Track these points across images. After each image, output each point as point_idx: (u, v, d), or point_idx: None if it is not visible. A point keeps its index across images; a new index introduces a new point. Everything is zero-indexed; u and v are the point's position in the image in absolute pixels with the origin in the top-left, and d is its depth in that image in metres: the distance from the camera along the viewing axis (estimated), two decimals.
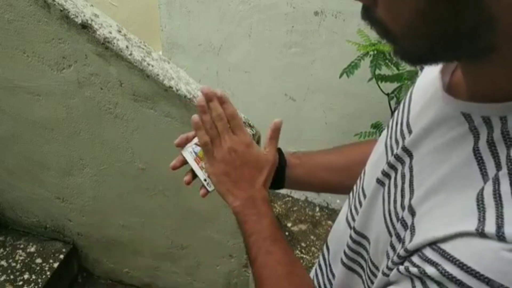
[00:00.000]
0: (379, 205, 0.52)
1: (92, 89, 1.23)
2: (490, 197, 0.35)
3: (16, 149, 1.46)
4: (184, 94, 1.15)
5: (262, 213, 0.62)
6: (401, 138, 0.51)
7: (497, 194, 0.35)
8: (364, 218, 0.56)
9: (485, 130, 0.39)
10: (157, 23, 2.18)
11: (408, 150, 0.49)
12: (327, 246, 0.68)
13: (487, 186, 0.36)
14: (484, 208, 0.35)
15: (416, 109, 0.51)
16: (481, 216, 0.35)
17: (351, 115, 2.10)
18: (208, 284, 1.64)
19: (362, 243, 0.57)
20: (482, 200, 0.36)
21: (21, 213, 1.69)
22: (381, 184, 0.53)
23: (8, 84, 1.29)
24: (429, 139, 0.46)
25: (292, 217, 2.28)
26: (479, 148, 0.39)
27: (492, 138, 0.38)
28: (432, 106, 0.47)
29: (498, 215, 0.34)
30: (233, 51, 2.13)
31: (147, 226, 1.54)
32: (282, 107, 2.19)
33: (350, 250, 0.59)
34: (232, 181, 0.64)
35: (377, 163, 0.56)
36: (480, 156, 0.38)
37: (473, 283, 0.34)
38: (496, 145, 0.38)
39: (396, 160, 0.50)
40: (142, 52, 1.16)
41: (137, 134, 1.29)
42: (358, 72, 1.60)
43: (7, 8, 1.13)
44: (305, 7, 1.89)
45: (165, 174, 1.35)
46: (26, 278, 1.57)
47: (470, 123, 0.40)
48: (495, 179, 0.36)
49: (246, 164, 0.64)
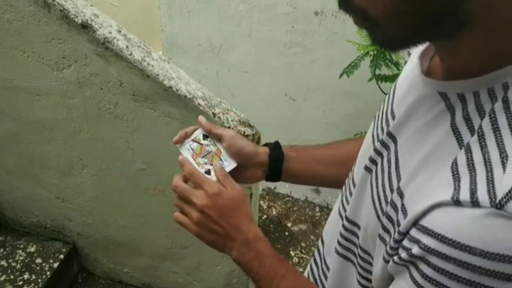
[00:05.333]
0: (368, 191, 0.53)
1: (92, 89, 1.23)
2: (464, 166, 0.36)
3: (16, 149, 1.46)
4: (184, 94, 1.15)
5: (260, 255, 0.61)
6: (386, 125, 0.53)
7: (470, 162, 0.36)
8: (355, 206, 0.57)
9: (460, 106, 0.40)
10: (157, 23, 2.18)
11: (392, 135, 0.50)
12: (322, 240, 0.70)
13: (460, 155, 0.37)
14: (459, 177, 0.36)
15: (399, 96, 0.53)
16: (457, 185, 0.36)
17: (351, 115, 2.10)
18: (208, 284, 1.64)
19: (354, 230, 0.58)
20: (456, 169, 0.37)
21: (21, 213, 1.69)
22: (369, 171, 0.54)
23: (8, 84, 1.29)
24: (410, 122, 0.47)
25: (292, 217, 2.28)
26: (456, 124, 0.40)
27: (467, 112, 0.39)
28: (412, 90, 0.49)
29: (471, 182, 0.35)
30: (233, 51, 2.13)
31: (147, 226, 1.54)
32: (282, 107, 2.20)
33: (343, 239, 0.60)
34: (221, 236, 0.62)
35: (365, 152, 0.57)
36: (458, 131, 0.40)
37: (455, 253, 0.35)
38: (471, 118, 0.39)
39: (382, 146, 0.51)
40: (142, 52, 1.16)
41: (137, 134, 1.29)
42: (358, 72, 1.60)
43: (7, 8, 1.13)
44: (305, 7, 1.89)
45: (165, 174, 1.35)
46: (26, 278, 1.57)
47: (446, 101, 0.42)
48: (467, 147, 0.37)
49: (224, 213, 0.62)
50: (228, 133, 0.71)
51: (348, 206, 0.59)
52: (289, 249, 2.11)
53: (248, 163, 0.72)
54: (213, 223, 0.62)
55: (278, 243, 2.13)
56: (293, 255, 2.08)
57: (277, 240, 2.15)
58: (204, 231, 0.63)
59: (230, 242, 0.62)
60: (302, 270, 1.99)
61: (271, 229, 2.21)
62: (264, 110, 2.22)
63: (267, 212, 2.29)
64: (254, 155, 0.72)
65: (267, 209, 2.31)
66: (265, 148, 0.75)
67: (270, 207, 2.33)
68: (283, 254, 2.07)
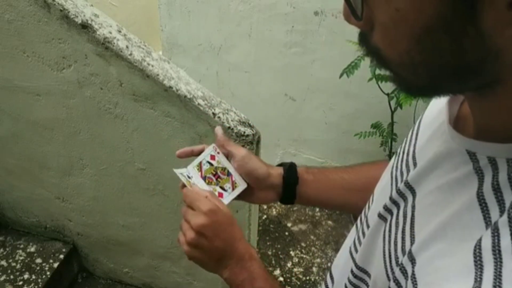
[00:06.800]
0: (380, 242, 0.49)
1: (92, 89, 1.23)
2: (489, 252, 0.31)
3: (16, 149, 1.46)
4: (184, 94, 1.15)
5: (253, 276, 0.60)
6: (406, 170, 0.49)
7: (496, 249, 0.31)
8: (366, 253, 0.53)
9: (490, 172, 0.36)
10: (157, 23, 2.18)
11: (411, 186, 0.46)
12: (331, 275, 0.65)
13: (485, 238, 0.32)
14: (482, 265, 0.31)
15: (423, 140, 0.49)
16: (478, 275, 0.31)
17: (351, 115, 2.10)
18: (208, 284, 1.64)
19: (363, 278, 0.55)
20: (480, 254, 0.32)
21: (21, 213, 1.69)
22: (383, 220, 0.50)
23: (8, 84, 1.29)
24: (432, 176, 0.43)
25: (292, 217, 2.28)
26: (483, 193, 0.35)
27: (497, 181, 0.34)
28: (437, 139, 0.44)
29: (496, 275, 0.30)
30: (233, 51, 2.13)
31: (147, 226, 1.54)
32: (282, 107, 2.20)
33: (350, 284, 0.57)
34: (217, 258, 0.61)
35: (382, 194, 0.53)
36: (484, 202, 0.35)
37: None
38: (502, 189, 0.34)
39: (399, 195, 0.48)
40: (142, 52, 1.16)
41: (137, 134, 1.29)
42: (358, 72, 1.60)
43: (7, 8, 1.13)
44: (305, 7, 1.89)
45: (165, 174, 1.35)
46: (26, 278, 1.57)
47: (474, 163, 0.37)
48: (495, 229, 0.32)
49: (218, 230, 0.60)
50: (239, 152, 0.69)
51: (359, 249, 0.55)
52: (289, 249, 2.11)
53: (260, 185, 0.70)
54: (209, 245, 0.60)
55: (278, 243, 2.13)
56: (293, 255, 2.08)
57: (277, 240, 2.15)
58: (201, 254, 0.61)
59: (225, 260, 0.61)
60: (302, 270, 1.99)
61: (271, 229, 2.21)
62: (264, 110, 2.22)
63: (267, 212, 2.29)
64: (266, 178, 0.70)
65: (267, 209, 2.31)
66: (279, 169, 0.72)
67: (270, 207, 2.33)
68: (283, 254, 2.07)
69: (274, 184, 0.71)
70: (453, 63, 0.32)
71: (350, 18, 0.37)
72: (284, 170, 0.71)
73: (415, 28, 0.32)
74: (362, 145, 2.07)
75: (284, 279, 1.96)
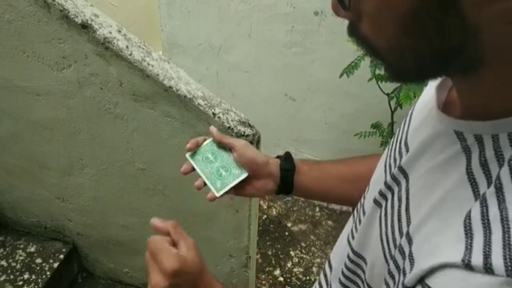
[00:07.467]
0: (376, 227, 0.50)
1: (92, 89, 1.23)
2: (478, 222, 0.33)
3: (16, 149, 1.46)
4: (184, 94, 1.15)
5: None
6: (399, 156, 0.50)
7: (485, 218, 0.33)
8: (362, 238, 0.55)
9: (477, 149, 0.37)
10: (157, 23, 2.18)
11: (404, 170, 0.48)
12: (329, 264, 0.67)
13: (474, 209, 0.34)
14: (472, 234, 0.33)
15: (414, 126, 0.51)
16: (469, 243, 0.32)
17: (351, 115, 2.10)
18: None
19: (359, 263, 0.56)
20: (470, 224, 0.34)
21: (21, 213, 1.69)
22: (378, 205, 0.52)
23: (8, 84, 1.29)
24: (423, 159, 0.45)
25: (292, 217, 2.28)
26: (471, 169, 0.37)
27: (484, 157, 0.36)
28: (427, 123, 0.46)
29: (485, 242, 0.31)
30: (233, 51, 2.13)
31: (147, 226, 1.53)
32: (282, 107, 2.20)
33: (347, 270, 0.58)
34: None
35: (377, 182, 0.55)
36: (473, 178, 0.36)
37: None
38: (489, 164, 0.36)
39: (393, 180, 0.49)
40: (142, 52, 1.16)
41: (137, 134, 1.29)
42: (358, 72, 1.60)
43: (7, 8, 1.13)
44: (305, 7, 1.89)
45: (165, 174, 1.35)
46: (26, 278, 1.57)
47: (462, 142, 0.39)
48: (483, 199, 0.34)
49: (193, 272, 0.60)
50: (238, 143, 0.71)
51: (356, 235, 0.57)
52: (289, 249, 2.11)
53: (259, 173, 0.72)
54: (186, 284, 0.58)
55: (278, 243, 2.13)
56: (293, 255, 2.08)
57: (277, 240, 2.15)
58: None
59: None
60: (302, 270, 1.99)
61: (271, 229, 2.21)
62: (264, 110, 2.22)
63: (267, 212, 2.29)
64: (265, 165, 0.72)
65: (267, 209, 2.31)
66: (276, 159, 0.74)
67: (270, 207, 2.33)
68: (283, 254, 2.08)
69: (272, 172, 0.73)
70: (437, 44, 0.34)
71: (338, 10, 0.39)
72: (281, 158, 0.74)
73: (400, 13, 0.34)
74: (362, 145, 2.07)
75: (284, 279, 1.96)
